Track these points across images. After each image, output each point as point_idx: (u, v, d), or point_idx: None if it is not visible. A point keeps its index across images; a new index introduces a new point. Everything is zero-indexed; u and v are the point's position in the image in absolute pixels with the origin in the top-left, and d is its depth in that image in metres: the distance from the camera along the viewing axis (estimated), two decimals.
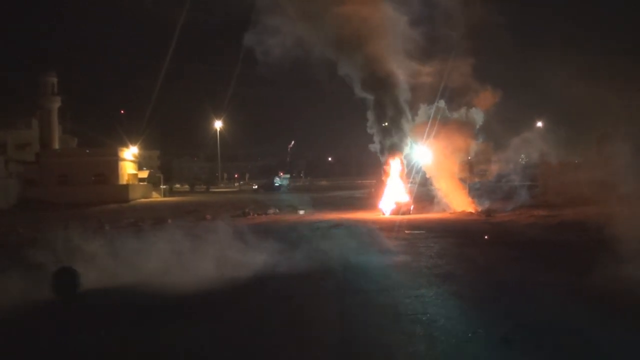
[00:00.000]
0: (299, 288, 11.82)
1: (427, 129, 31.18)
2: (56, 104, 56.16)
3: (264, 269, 13.12)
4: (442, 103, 33.11)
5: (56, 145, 56.81)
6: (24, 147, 55.90)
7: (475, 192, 32.58)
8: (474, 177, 36.76)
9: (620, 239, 15.20)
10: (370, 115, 32.89)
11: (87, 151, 55.57)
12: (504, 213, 27.64)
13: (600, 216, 23.01)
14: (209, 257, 13.34)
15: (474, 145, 33.39)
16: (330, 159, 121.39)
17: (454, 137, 31.55)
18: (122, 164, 54.65)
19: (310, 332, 8.76)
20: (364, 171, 74.12)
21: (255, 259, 13.85)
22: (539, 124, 49.15)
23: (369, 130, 33.40)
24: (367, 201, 36.63)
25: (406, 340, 8.34)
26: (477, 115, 33.83)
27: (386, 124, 33.44)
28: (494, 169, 49.56)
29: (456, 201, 30.75)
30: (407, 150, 33.28)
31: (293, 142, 30.14)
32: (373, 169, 47.06)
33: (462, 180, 32.38)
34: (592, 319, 9.11)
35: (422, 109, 33.22)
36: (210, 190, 72.35)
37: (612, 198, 22.88)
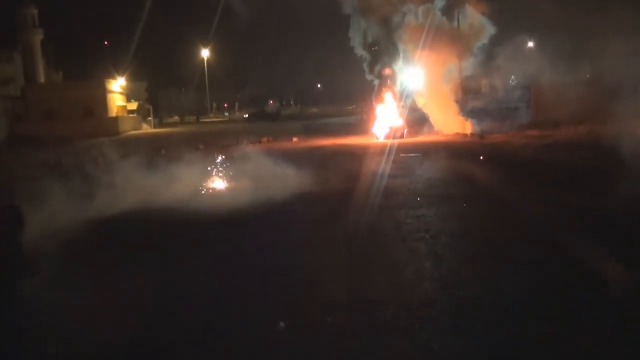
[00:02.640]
0: (304, 211, 11.99)
1: (421, 35, 30.23)
2: (38, 36, 54.82)
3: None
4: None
5: (41, 80, 55.83)
6: (8, 83, 54.83)
7: (468, 114, 32.55)
8: (467, 99, 36.63)
9: (611, 156, 15.47)
10: (356, 34, 32.21)
11: (74, 84, 54.65)
12: (497, 134, 27.75)
13: (592, 135, 23.31)
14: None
15: (469, 62, 32.71)
16: (319, 86, 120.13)
17: (448, 50, 30.99)
18: (110, 96, 53.92)
19: (318, 251, 8.92)
20: (354, 98, 73.57)
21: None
22: (530, 43, 48.59)
23: (357, 52, 32.88)
24: (359, 127, 36.56)
25: (412, 258, 8.53)
26: (479, 24, 32.28)
27: (375, 47, 32.98)
28: (486, 90, 49.33)
29: (449, 124, 30.76)
30: (398, 73, 32.94)
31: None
32: (363, 96, 46.72)
33: (455, 101, 32.27)
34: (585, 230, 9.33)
35: (413, 10, 32.10)
36: (200, 120, 71.86)
37: (602, 116, 23.10)
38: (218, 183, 15.26)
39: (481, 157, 19.69)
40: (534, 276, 7.45)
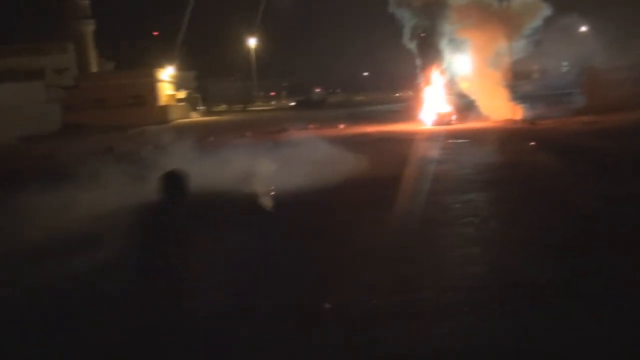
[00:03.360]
0: (352, 195, 11.98)
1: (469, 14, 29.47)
2: (90, 27, 56.17)
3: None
4: None
5: (93, 69, 57.21)
6: (62, 73, 56.35)
7: (519, 99, 31.79)
8: (517, 84, 35.73)
9: None
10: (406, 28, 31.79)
11: (124, 73, 55.84)
12: (548, 120, 27.03)
13: None
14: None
15: (520, 44, 31.68)
16: (366, 73, 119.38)
17: (497, 32, 30.19)
18: (159, 85, 54.90)
19: (367, 234, 8.90)
20: (400, 85, 72.77)
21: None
22: (583, 28, 47.09)
23: (405, 43, 32.48)
24: (406, 114, 36.18)
25: (461, 242, 8.42)
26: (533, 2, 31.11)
27: (424, 34, 32.50)
28: (537, 75, 48.13)
29: (499, 109, 30.09)
30: (446, 57, 32.34)
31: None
32: (410, 83, 46.13)
33: (505, 86, 31.52)
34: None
35: None
36: (247, 109, 72.49)
37: None
38: (265, 167, 15.33)
39: (532, 143, 19.22)
40: (581, 262, 7.25)
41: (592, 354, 4.99)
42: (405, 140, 22.76)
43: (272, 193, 11.84)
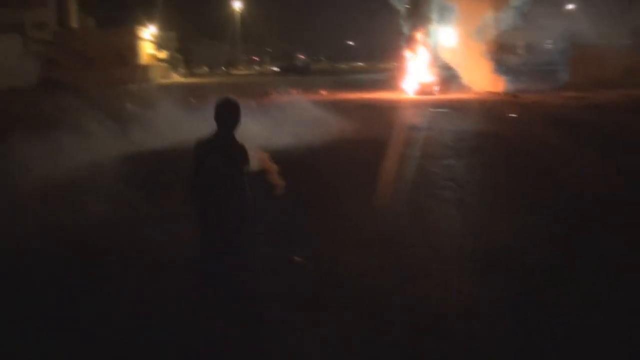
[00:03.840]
0: (331, 159, 11.95)
1: None
2: None
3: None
4: None
5: (74, 25, 55.86)
6: (42, 27, 54.86)
7: (503, 72, 31.80)
8: (502, 56, 35.67)
9: None
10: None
11: (106, 30, 54.60)
12: (531, 94, 27.10)
13: (629, 98, 22.69)
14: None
15: (506, 16, 31.50)
16: (351, 42, 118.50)
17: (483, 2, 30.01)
18: (141, 43, 53.86)
19: (347, 194, 8.89)
20: (385, 55, 72.43)
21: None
22: (571, 5, 47.04)
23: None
24: (389, 83, 36.03)
25: (438, 204, 8.45)
26: None
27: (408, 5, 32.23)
28: (522, 49, 48.09)
29: (481, 81, 30.10)
30: (431, 27, 32.14)
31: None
32: (394, 53, 45.83)
33: (490, 59, 31.47)
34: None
35: None
36: (230, 73, 71.64)
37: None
38: (248, 129, 15.22)
39: (513, 115, 19.29)
40: (557, 225, 7.35)
41: (559, 314, 5.06)
42: (387, 108, 22.73)
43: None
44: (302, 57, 77.18)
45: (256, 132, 13.73)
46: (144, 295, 5.50)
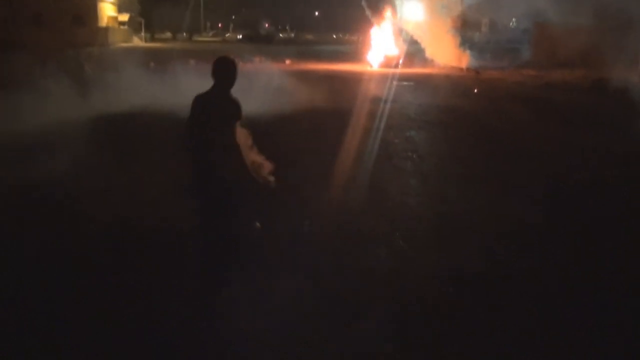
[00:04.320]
0: (293, 127, 11.87)
1: None
2: None
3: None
4: None
5: None
6: None
7: (466, 47, 32.01)
8: (467, 31, 35.85)
9: (601, 99, 15.50)
10: None
11: None
12: (493, 71, 27.39)
13: (587, 79, 23.09)
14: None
15: None
16: (316, 13, 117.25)
17: None
18: (100, 4, 52.24)
19: (305, 163, 8.85)
20: (351, 27, 71.95)
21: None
22: None
23: None
24: (354, 55, 35.94)
25: (397, 175, 8.48)
26: None
27: None
28: (487, 27, 48.35)
29: (445, 56, 30.26)
30: (398, 3, 32.11)
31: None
32: (360, 25, 45.59)
33: (454, 34, 31.61)
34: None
35: None
36: (193, 39, 70.26)
37: (602, 61, 22.85)
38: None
39: (475, 90, 19.48)
40: (510, 194, 7.49)
41: (513, 275, 5.17)
42: (351, 79, 22.66)
43: None
44: (267, 25, 76.00)
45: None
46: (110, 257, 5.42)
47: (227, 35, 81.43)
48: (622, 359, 4.07)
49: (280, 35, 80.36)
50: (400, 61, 30.02)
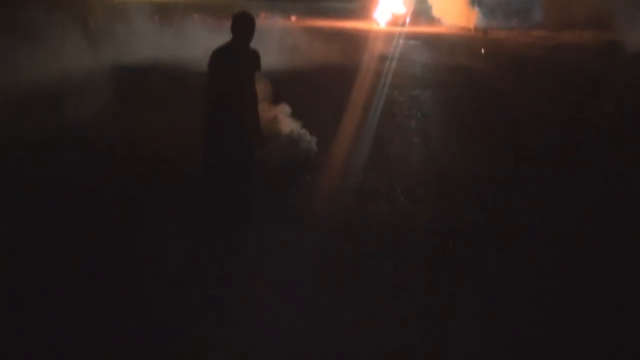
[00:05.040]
0: (298, 84, 11.80)
1: None
2: None
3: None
4: None
5: None
6: None
7: (475, 7, 31.48)
8: None
9: (610, 62, 15.30)
10: None
11: None
12: (502, 31, 26.99)
13: (598, 41, 22.75)
14: None
15: None
16: None
17: None
18: None
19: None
20: None
21: None
22: None
23: None
24: (361, 12, 35.38)
25: (401, 133, 8.47)
26: None
27: None
28: None
29: (454, 15, 29.79)
30: None
31: None
32: None
33: None
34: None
35: None
36: None
37: (615, 23, 22.51)
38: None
39: (482, 51, 19.24)
40: (515, 157, 7.50)
41: (508, 231, 5.22)
42: (357, 37, 22.38)
43: None
44: None
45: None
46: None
47: None
48: (613, 302, 4.13)
49: None
50: (407, 20, 29.59)
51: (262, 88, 5.08)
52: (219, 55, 4.66)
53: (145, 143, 7.37)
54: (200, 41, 14.06)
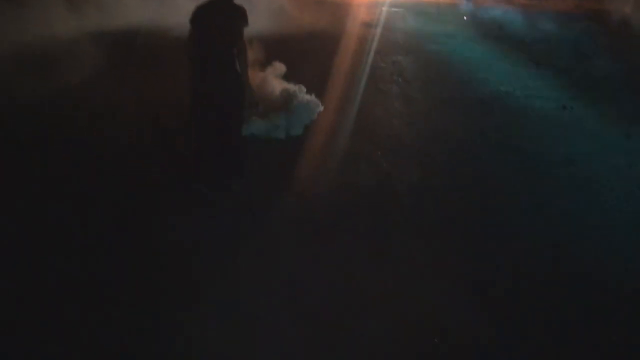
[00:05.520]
0: (288, 47, 11.87)
1: None
2: None
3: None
4: None
5: None
6: None
7: None
8: None
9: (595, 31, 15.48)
10: None
11: None
12: None
13: (580, 9, 22.88)
14: None
15: None
16: None
17: None
18: None
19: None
20: None
21: None
22: None
23: None
24: None
25: (384, 98, 8.67)
26: None
27: None
28: None
29: None
30: None
31: None
32: None
33: None
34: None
35: None
36: None
37: None
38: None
39: (465, 18, 19.32)
40: (495, 118, 7.76)
41: (483, 185, 5.50)
42: (339, 4, 22.26)
43: None
44: None
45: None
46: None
47: None
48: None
49: None
50: None
51: (255, 49, 5.22)
52: (203, 11, 4.77)
53: (133, 105, 7.50)
54: (187, 6, 14.03)
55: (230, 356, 3.39)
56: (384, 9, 21.21)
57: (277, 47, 11.99)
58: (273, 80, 7.52)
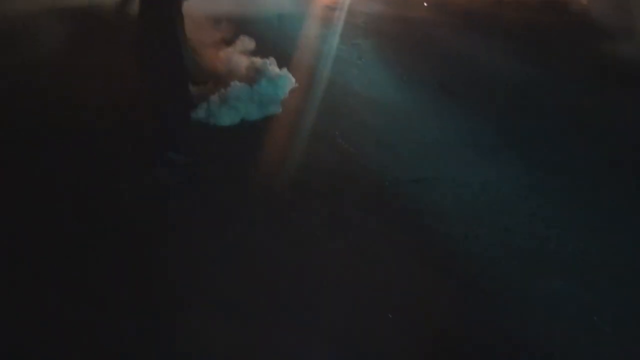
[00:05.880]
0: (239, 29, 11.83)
1: None
2: None
3: None
4: None
5: None
6: None
7: None
8: None
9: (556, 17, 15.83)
10: None
11: None
12: None
13: None
14: None
15: None
16: None
17: None
18: None
19: None
20: None
21: None
22: None
23: None
24: None
25: (343, 79, 8.78)
26: None
27: None
28: None
29: None
30: None
31: None
32: None
33: None
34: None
35: None
36: None
37: None
38: None
39: (425, 3, 19.42)
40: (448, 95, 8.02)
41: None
42: None
43: None
44: None
45: None
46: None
47: None
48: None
49: None
50: None
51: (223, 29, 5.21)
52: None
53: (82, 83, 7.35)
54: None
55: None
56: None
57: (241, 29, 11.93)
58: (239, 55, 7.47)
